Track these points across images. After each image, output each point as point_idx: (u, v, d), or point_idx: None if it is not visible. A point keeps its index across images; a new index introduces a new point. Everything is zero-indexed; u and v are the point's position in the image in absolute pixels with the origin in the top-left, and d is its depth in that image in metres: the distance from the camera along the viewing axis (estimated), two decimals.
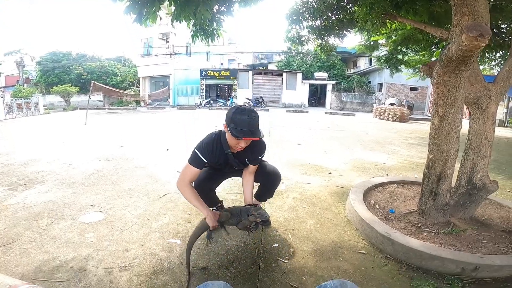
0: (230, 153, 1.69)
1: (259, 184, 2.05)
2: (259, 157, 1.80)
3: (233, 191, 2.82)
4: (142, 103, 21.46)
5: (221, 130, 1.74)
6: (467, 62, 1.61)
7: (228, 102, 19.45)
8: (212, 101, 19.72)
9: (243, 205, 1.85)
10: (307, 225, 2.18)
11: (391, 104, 16.07)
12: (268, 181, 1.97)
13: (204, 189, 1.85)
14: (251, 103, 18.82)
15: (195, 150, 1.67)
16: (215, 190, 2.05)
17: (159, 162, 4.09)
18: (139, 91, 23.31)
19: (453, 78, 1.72)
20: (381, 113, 14.16)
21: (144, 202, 2.55)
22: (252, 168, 1.84)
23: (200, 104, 19.90)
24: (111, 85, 20.17)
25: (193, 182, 1.78)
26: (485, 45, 1.43)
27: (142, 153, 4.72)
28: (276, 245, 1.88)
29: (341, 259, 1.75)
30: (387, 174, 3.72)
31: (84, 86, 20.24)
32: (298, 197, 2.78)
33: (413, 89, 20.05)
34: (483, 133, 1.96)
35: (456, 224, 1.99)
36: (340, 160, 4.57)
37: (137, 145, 5.54)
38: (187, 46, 21.79)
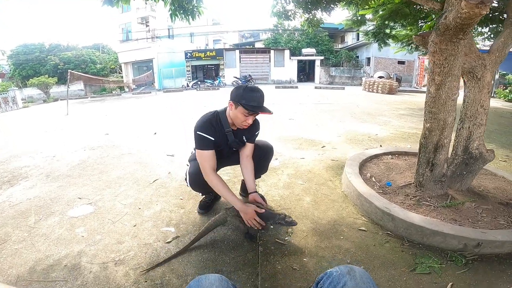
0: (230, 132, 1.66)
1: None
2: (256, 134, 1.79)
3: (225, 170, 2.73)
4: (126, 89, 21.01)
5: (216, 110, 1.69)
6: (465, 30, 1.54)
7: (216, 82, 19.42)
8: (199, 82, 19.61)
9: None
10: (304, 202, 2.15)
11: (380, 77, 16.15)
12: (260, 155, 1.91)
13: (201, 182, 1.77)
14: (239, 81, 18.55)
15: (198, 132, 1.60)
16: None
17: (147, 147, 3.95)
18: (122, 77, 22.78)
19: (450, 47, 1.65)
20: (370, 86, 14.35)
21: (134, 190, 2.46)
22: (249, 149, 1.79)
23: (187, 85, 19.72)
24: (91, 73, 19.64)
25: (190, 177, 1.76)
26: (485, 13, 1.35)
27: (128, 139, 4.54)
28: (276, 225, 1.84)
29: (342, 237, 1.72)
30: (381, 145, 3.73)
31: (62, 76, 19.51)
32: (293, 173, 2.74)
33: (401, 62, 20.51)
34: (478, 101, 1.92)
35: (453, 196, 1.99)
36: (332, 133, 4.55)
37: (123, 131, 5.32)
38: (169, 29, 21.41)
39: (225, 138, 1.68)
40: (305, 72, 24.00)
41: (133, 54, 21.62)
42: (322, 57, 21.82)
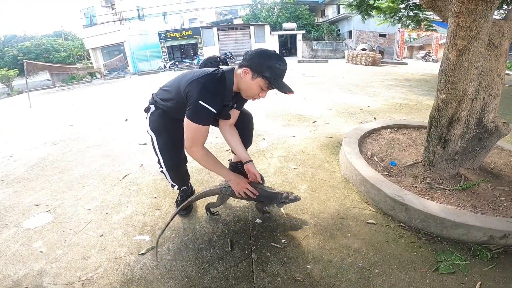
0: (229, 105, 1.37)
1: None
2: (245, 101, 1.54)
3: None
4: (98, 75, 19.84)
5: (223, 70, 1.32)
6: None
7: (195, 61, 18.77)
8: (177, 63, 18.90)
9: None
10: (300, 192, 1.88)
11: (363, 49, 16.19)
12: (242, 123, 1.61)
13: (181, 165, 1.58)
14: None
15: (201, 102, 1.22)
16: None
17: (116, 136, 3.50)
18: (91, 63, 21.71)
19: (481, 6, 1.38)
20: (354, 58, 14.50)
21: (100, 190, 2.09)
22: (232, 118, 1.50)
23: (165, 67, 18.86)
24: (56, 62, 18.79)
25: (164, 158, 1.48)
26: None
27: (96, 128, 4.04)
28: (270, 223, 1.57)
29: (349, 234, 1.48)
30: (375, 118, 3.55)
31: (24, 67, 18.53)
32: (283, 155, 2.47)
33: (382, 35, 20.96)
34: (495, 70, 1.68)
35: (466, 176, 1.79)
36: (322, 106, 4.33)
37: (90, 120, 4.77)
38: (138, 10, 20.44)
39: (220, 108, 1.34)
40: (287, 47, 23.59)
41: (100, 39, 20.41)
42: (304, 31, 21.50)
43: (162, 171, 1.56)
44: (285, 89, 1.26)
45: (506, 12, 1.73)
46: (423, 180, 1.75)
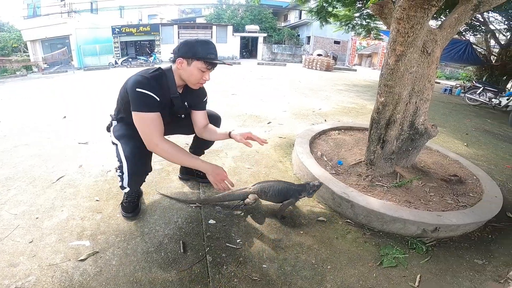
0: (177, 96, 1.40)
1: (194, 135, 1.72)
2: (205, 100, 1.56)
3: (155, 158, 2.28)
4: (35, 69, 17.60)
5: (160, 67, 1.37)
6: None
7: (151, 59, 17.75)
8: (130, 59, 17.72)
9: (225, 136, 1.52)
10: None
11: (319, 55, 16.94)
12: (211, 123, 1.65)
13: (146, 172, 1.49)
14: None
15: (138, 89, 1.23)
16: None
17: (51, 134, 3.09)
18: (28, 56, 19.64)
19: (419, 13, 1.51)
20: (310, 63, 15.14)
21: (29, 194, 1.81)
22: (203, 118, 1.56)
23: (116, 63, 17.52)
24: None
25: (129, 162, 1.33)
26: None
27: (26, 126, 3.53)
28: (224, 225, 1.53)
29: (301, 232, 1.52)
30: (325, 120, 3.74)
31: None
32: (238, 155, 2.45)
33: (337, 42, 22.36)
34: (426, 76, 1.87)
35: (401, 174, 1.97)
36: (277, 108, 4.43)
37: (20, 117, 4.16)
38: (91, 3, 19.09)
39: (169, 103, 1.39)
40: (248, 49, 23.81)
41: (42, 30, 18.56)
42: (265, 34, 21.91)
43: (120, 176, 1.42)
44: (223, 62, 1.36)
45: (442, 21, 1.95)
46: (365, 178, 1.88)
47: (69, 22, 18.11)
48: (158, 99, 1.26)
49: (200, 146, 1.81)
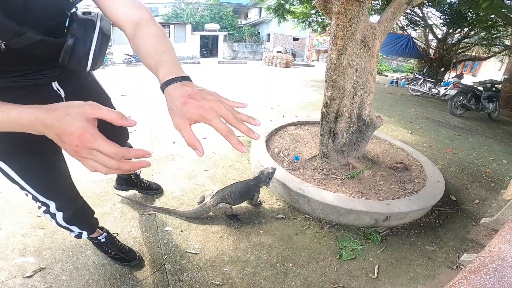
0: None
1: None
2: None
3: None
4: None
5: None
6: None
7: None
8: None
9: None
10: None
11: (278, 52, 17.19)
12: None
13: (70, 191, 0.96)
14: (133, 58, 16.18)
15: None
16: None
17: None
18: None
19: (355, 7, 1.55)
20: (270, 60, 15.31)
21: None
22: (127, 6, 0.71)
23: None
24: None
25: (36, 186, 0.84)
26: None
27: None
28: (182, 231, 1.46)
29: (261, 231, 1.50)
30: (283, 116, 3.77)
31: None
32: (194, 157, 2.37)
33: (295, 39, 22.80)
34: (368, 69, 1.96)
35: (353, 165, 2.05)
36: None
37: None
38: None
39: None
40: (208, 48, 23.32)
41: None
42: (226, 33, 21.59)
43: (52, 217, 0.96)
44: None
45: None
46: (320, 172, 1.93)
47: None
48: None
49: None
